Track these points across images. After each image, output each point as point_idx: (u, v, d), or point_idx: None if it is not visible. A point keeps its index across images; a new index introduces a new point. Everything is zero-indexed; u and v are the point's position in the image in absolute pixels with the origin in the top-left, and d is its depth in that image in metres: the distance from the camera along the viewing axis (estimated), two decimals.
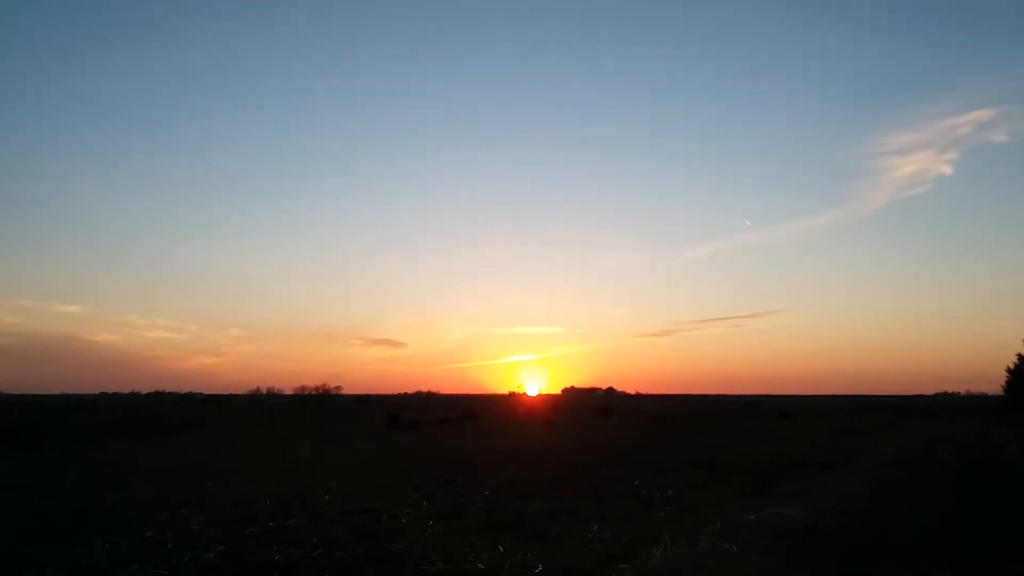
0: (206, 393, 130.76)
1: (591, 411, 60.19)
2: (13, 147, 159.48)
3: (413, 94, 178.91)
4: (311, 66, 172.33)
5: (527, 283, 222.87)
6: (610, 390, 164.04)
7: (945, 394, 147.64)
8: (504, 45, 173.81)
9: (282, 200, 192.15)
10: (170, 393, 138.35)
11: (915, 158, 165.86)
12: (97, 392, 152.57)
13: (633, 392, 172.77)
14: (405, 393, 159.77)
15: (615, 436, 29.54)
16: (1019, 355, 57.91)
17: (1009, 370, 58.83)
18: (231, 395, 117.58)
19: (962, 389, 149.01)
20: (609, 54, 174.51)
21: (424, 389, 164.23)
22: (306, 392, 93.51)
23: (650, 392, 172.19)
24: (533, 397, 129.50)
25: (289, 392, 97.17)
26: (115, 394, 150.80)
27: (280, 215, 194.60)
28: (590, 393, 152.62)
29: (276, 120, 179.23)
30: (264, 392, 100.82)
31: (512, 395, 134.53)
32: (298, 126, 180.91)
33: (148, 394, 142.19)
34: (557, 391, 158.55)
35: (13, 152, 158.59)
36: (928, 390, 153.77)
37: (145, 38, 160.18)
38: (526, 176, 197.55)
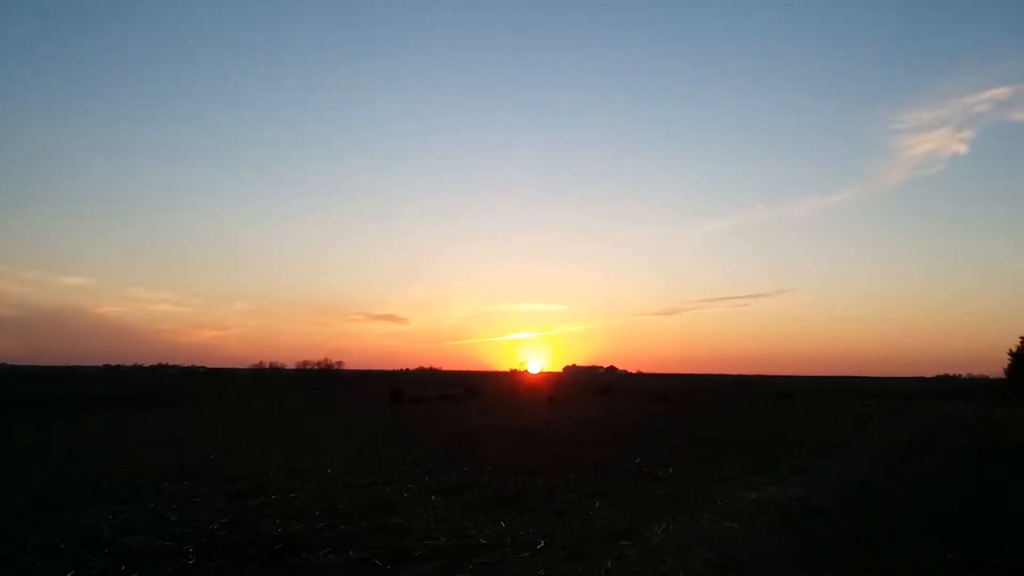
0: (209, 367, 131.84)
1: (592, 389, 60.47)
2: (18, 120, 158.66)
3: (418, 69, 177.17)
4: (320, 42, 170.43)
5: (530, 261, 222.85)
6: (611, 369, 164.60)
7: (946, 376, 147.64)
8: (511, 14, 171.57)
9: (286, 176, 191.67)
10: (173, 366, 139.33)
11: (932, 136, 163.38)
12: (101, 364, 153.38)
13: (634, 371, 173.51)
14: (407, 369, 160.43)
15: (616, 414, 29.65)
16: (1022, 338, 57.75)
17: (1011, 353, 58.69)
18: (234, 369, 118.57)
19: (963, 372, 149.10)
20: (621, 25, 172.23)
21: (426, 365, 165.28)
22: (309, 367, 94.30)
23: (652, 371, 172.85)
24: (535, 375, 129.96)
25: (292, 367, 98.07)
26: (118, 367, 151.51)
27: (284, 191, 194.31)
28: (591, 371, 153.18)
29: (282, 95, 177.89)
30: (267, 366, 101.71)
31: (514, 372, 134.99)
32: (304, 102, 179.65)
33: (151, 367, 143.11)
34: (559, 369, 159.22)
35: (18, 124, 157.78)
36: (929, 372, 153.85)
37: (155, 5, 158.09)
38: (532, 153, 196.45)
